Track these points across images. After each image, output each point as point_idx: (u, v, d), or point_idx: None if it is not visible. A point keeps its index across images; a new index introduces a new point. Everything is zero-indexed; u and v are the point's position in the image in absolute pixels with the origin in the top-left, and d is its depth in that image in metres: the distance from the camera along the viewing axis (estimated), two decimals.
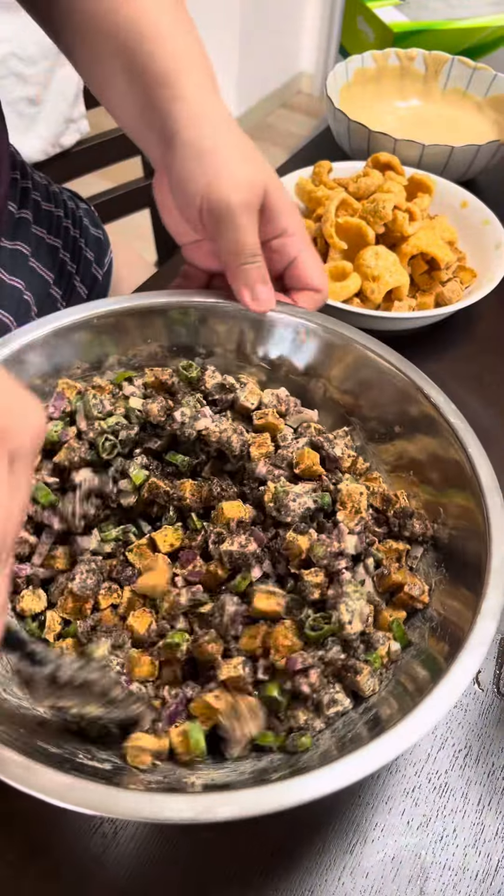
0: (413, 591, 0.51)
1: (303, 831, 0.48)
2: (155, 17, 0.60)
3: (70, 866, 0.46)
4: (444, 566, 0.52)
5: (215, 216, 0.55)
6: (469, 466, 0.51)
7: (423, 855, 0.48)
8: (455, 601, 0.49)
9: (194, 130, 0.56)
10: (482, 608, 0.44)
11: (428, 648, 0.48)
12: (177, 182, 0.57)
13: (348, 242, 0.79)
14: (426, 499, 0.56)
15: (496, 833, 0.49)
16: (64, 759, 0.40)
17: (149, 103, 0.59)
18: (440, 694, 0.40)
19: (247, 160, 0.57)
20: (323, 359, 0.62)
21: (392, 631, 0.50)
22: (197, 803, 0.37)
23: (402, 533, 0.54)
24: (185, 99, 0.58)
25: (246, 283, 0.58)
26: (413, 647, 0.49)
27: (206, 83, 0.60)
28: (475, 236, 0.86)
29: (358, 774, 0.37)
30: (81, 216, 0.95)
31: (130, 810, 0.36)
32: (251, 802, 0.37)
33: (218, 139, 0.57)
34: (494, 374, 0.79)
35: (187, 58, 0.60)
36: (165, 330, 0.62)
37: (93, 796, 0.36)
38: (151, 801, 0.36)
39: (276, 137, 3.06)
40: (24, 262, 0.80)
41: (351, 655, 0.47)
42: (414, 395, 0.56)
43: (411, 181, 0.86)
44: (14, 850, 0.46)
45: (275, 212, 0.58)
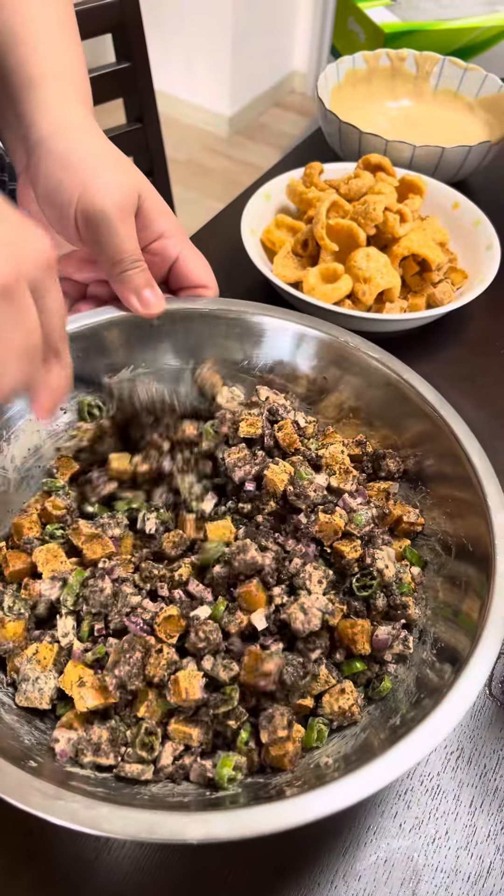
0: (410, 518, 0.57)
1: (295, 836, 0.48)
2: (34, 24, 0.59)
3: (63, 872, 0.46)
4: (421, 484, 0.58)
5: (92, 224, 0.54)
6: (409, 386, 0.58)
7: (416, 857, 0.48)
8: (445, 508, 0.55)
9: (60, 139, 0.55)
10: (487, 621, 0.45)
11: (440, 559, 0.54)
12: (45, 193, 0.55)
13: (339, 244, 0.79)
14: (381, 434, 0.61)
15: (488, 835, 0.49)
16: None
17: (13, 108, 0.58)
18: (440, 715, 0.40)
19: (117, 166, 0.56)
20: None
21: (407, 558, 0.56)
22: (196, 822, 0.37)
23: (378, 474, 0.60)
24: (50, 107, 0.56)
25: (132, 289, 0.57)
26: (429, 564, 0.55)
27: (73, 94, 0.58)
28: (466, 237, 0.86)
29: (355, 798, 0.38)
30: (1, 154, 0.93)
31: (120, 828, 0.37)
32: (247, 822, 0.37)
33: (85, 147, 0.55)
34: (486, 375, 0.79)
35: (58, 67, 0.58)
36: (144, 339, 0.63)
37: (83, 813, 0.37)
38: (144, 819, 0.37)
39: (269, 137, 3.06)
40: None
41: (394, 596, 0.52)
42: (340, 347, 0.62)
43: (402, 182, 0.86)
44: (7, 855, 0.46)
45: (150, 216, 0.57)
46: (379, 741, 0.43)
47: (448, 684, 0.42)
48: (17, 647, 0.49)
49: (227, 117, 3.00)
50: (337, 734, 0.48)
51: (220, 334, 0.63)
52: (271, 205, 0.89)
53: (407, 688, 0.48)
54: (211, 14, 2.70)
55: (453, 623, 0.49)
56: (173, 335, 0.63)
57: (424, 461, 0.57)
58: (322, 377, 0.63)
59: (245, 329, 0.63)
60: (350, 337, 0.61)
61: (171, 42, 2.87)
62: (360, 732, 0.47)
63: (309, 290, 0.77)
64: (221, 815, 0.37)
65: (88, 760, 0.44)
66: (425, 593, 0.53)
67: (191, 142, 2.99)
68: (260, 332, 0.63)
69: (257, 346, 0.64)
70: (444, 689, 0.42)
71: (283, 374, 0.65)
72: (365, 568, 0.53)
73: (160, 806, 0.42)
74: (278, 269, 0.81)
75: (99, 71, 1.13)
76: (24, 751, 0.42)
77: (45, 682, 0.47)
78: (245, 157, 2.97)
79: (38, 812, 0.36)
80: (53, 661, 0.48)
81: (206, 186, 2.75)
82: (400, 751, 0.39)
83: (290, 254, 0.83)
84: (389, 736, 0.43)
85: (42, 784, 0.37)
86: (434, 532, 0.56)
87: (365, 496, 0.56)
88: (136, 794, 0.43)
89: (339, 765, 0.44)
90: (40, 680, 0.47)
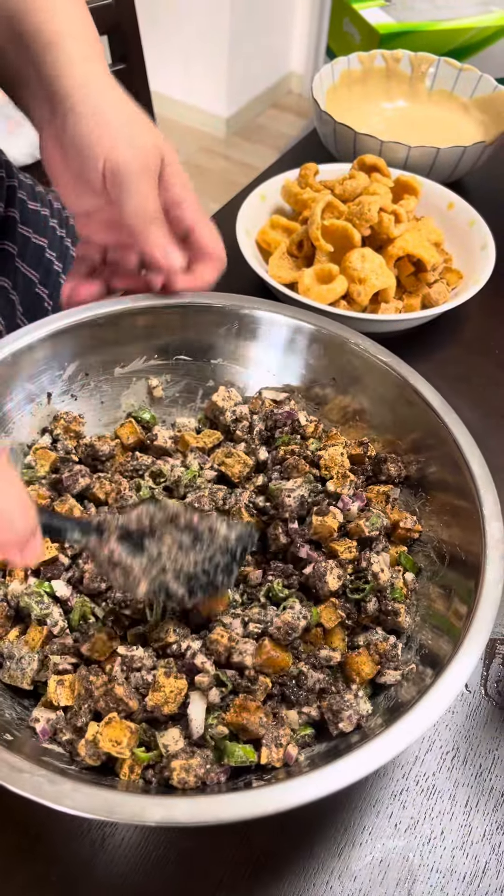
0: (407, 525, 0.56)
1: (290, 835, 0.48)
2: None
3: (59, 872, 0.46)
4: (421, 491, 0.58)
5: (119, 180, 0.55)
6: (414, 391, 0.57)
7: (411, 857, 0.48)
8: (443, 517, 0.55)
9: (89, 94, 0.56)
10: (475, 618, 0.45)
11: (434, 567, 0.54)
12: (75, 147, 0.56)
13: (334, 245, 0.79)
14: (385, 439, 0.61)
15: (483, 835, 0.49)
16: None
17: (35, 69, 0.59)
18: (428, 702, 0.41)
19: (145, 127, 0.57)
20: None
21: (402, 564, 0.55)
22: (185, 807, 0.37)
23: (378, 478, 0.59)
24: (74, 63, 0.57)
25: (156, 243, 0.58)
26: (422, 571, 0.55)
27: (93, 54, 0.60)
28: (461, 238, 0.86)
29: (343, 782, 0.38)
30: (68, 216, 0.95)
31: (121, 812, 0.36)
32: (243, 806, 0.37)
33: (112, 104, 0.56)
34: (481, 375, 0.79)
35: (76, 29, 0.59)
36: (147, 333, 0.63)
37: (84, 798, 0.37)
38: (106, 798, 0.37)
39: (266, 138, 3.06)
40: (11, 261, 0.80)
41: (385, 601, 0.52)
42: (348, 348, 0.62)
43: (397, 183, 0.86)
44: (1, 855, 0.46)
45: (171, 181, 0.59)
46: (346, 745, 0.44)
47: (425, 689, 0.42)
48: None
49: (224, 118, 3.00)
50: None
51: (232, 333, 0.64)
52: (266, 206, 0.89)
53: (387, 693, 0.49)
54: (207, 15, 2.70)
55: (439, 630, 0.49)
56: (185, 328, 0.63)
57: (427, 468, 0.57)
58: (330, 378, 0.64)
59: (255, 325, 0.64)
60: (360, 339, 0.61)
61: (167, 43, 2.86)
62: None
63: (304, 290, 0.77)
64: (182, 801, 0.38)
65: (67, 739, 0.45)
66: (417, 600, 0.53)
67: (188, 143, 2.99)
68: (270, 330, 0.64)
69: (267, 344, 0.64)
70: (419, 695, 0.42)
71: (291, 373, 0.65)
72: (359, 571, 0.53)
73: (130, 788, 0.42)
74: (274, 269, 0.81)
75: None
76: (3, 724, 0.43)
77: (29, 663, 0.48)
78: (242, 157, 2.97)
79: (4, 782, 0.37)
80: (41, 644, 0.49)
81: (203, 187, 2.75)
82: (364, 752, 0.39)
83: (286, 254, 0.83)
84: (359, 741, 0.43)
85: (12, 756, 0.38)
86: (430, 539, 0.56)
87: (363, 499, 0.56)
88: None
89: (308, 762, 0.45)
90: (24, 661, 0.48)
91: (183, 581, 0.46)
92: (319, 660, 0.49)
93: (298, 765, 0.45)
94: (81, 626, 0.50)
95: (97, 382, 0.63)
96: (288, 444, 0.61)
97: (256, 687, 0.47)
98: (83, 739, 0.43)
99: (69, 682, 0.46)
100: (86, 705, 0.45)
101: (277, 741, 0.45)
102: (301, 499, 0.55)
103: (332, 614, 0.51)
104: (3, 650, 0.49)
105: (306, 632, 0.51)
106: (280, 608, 0.51)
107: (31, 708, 0.48)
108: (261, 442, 0.62)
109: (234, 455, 0.60)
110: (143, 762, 0.44)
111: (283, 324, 0.63)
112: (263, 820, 0.37)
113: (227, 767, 0.44)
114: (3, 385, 0.57)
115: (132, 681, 0.46)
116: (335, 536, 0.55)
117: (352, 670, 0.49)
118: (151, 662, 0.47)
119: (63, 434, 0.60)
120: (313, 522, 0.54)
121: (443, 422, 0.55)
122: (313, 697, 0.48)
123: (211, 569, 0.47)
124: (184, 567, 0.46)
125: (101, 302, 0.61)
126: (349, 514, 0.56)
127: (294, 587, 0.53)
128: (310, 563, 0.53)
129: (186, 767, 0.43)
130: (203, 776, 0.43)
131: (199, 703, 0.46)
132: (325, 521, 0.54)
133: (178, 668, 0.47)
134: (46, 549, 0.52)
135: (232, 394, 0.63)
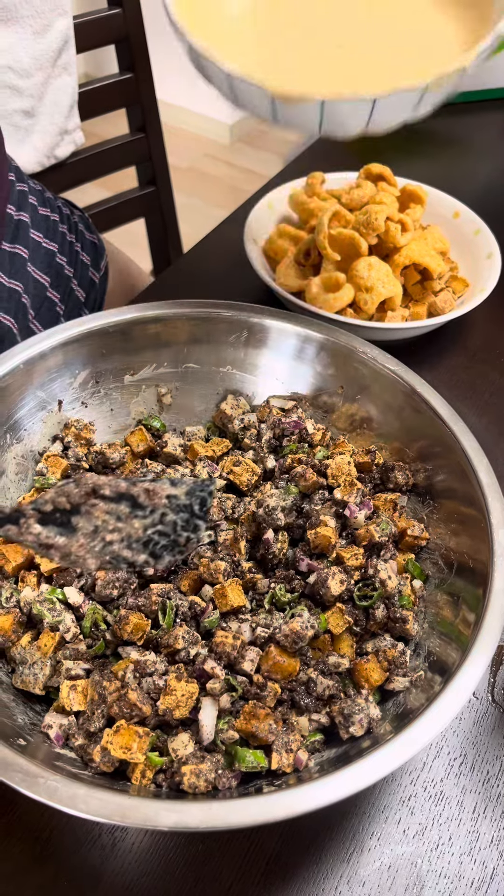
0: (415, 532, 0.57)
1: (299, 841, 0.49)
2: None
3: (68, 879, 0.46)
4: (429, 499, 0.59)
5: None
6: (422, 400, 0.58)
7: (420, 863, 0.48)
8: (451, 524, 0.56)
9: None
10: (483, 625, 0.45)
11: (442, 574, 0.55)
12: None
13: (342, 253, 0.80)
14: (392, 447, 0.62)
15: (491, 841, 0.50)
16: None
17: None
18: (437, 709, 0.41)
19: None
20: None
21: (409, 571, 0.56)
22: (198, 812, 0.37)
23: (386, 486, 0.60)
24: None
25: None
26: (430, 578, 0.55)
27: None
28: (467, 246, 0.87)
29: (351, 789, 0.38)
30: (77, 221, 0.96)
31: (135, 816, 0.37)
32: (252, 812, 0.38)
33: None
34: (487, 383, 0.80)
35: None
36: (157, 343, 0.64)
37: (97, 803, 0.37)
38: (119, 803, 0.38)
39: (270, 144, 3.07)
40: (23, 265, 0.81)
41: (394, 608, 0.52)
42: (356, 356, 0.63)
43: (403, 192, 0.86)
44: (12, 861, 0.47)
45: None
46: (356, 751, 0.44)
47: (433, 696, 0.43)
48: (6, 641, 0.50)
49: (229, 125, 3.01)
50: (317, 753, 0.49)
51: (241, 341, 0.64)
52: (274, 214, 0.89)
53: (395, 700, 0.50)
54: None
55: (447, 637, 0.49)
56: (195, 337, 0.64)
57: (434, 476, 0.58)
58: (338, 387, 0.64)
59: (264, 334, 0.64)
60: (368, 348, 0.62)
61: (173, 52, 2.87)
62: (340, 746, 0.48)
63: (311, 298, 0.77)
64: (195, 806, 0.38)
65: (79, 744, 0.45)
66: (424, 607, 0.54)
67: (193, 149, 3.00)
68: (278, 338, 0.64)
69: (276, 352, 0.65)
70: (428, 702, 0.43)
71: (299, 381, 0.65)
72: (367, 578, 0.53)
73: (141, 793, 0.43)
74: (281, 277, 0.81)
75: (102, 81, 1.14)
76: (16, 729, 0.44)
77: (41, 668, 0.48)
78: (246, 163, 2.98)
79: (19, 787, 0.38)
80: (54, 650, 0.49)
81: (208, 193, 2.76)
82: (373, 759, 0.40)
83: (293, 263, 0.83)
84: (368, 746, 0.44)
85: (26, 761, 0.39)
86: (438, 546, 0.56)
87: (370, 507, 0.57)
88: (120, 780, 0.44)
89: (318, 767, 0.45)
90: (36, 666, 0.48)
91: (139, 548, 0.44)
92: (328, 666, 0.49)
93: (308, 770, 0.45)
94: (93, 633, 0.51)
95: (107, 390, 0.63)
96: (296, 453, 0.61)
97: (266, 693, 0.47)
98: (98, 746, 0.44)
99: (82, 687, 0.47)
100: (99, 710, 0.45)
101: (288, 747, 0.45)
102: (280, 509, 0.56)
103: (339, 619, 0.51)
104: (15, 655, 0.49)
105: (314, 638, 0.51)
106: (288, 615, 0.51)
107: (42, 713, 0.48)
108: (269, 450, 0.63)
109: (243, 464, 0.60)
110: (155, 766, 0.44)
111: (291, 333, 0.63)
112: (272, 825, 0.38)
113: (238, 772, 0.45)
114: (15, 392, 0.57)
115: (144, 686, 0.46)
116: (338, 543, 0.55)
117: (361, 677, 0.49)
118: (163, 667, 0.48)
119: (74, 441, 0.60)
120: (310, 538, 0.55)
121: (450, 430, 0.55)
122: (322, 705, 0.49)
123: (168, 529, 0.45)
124: (132, 534, 0.44)
125: (112, 311, 0.61)
126: (356, 523, 0.56)
127: (297, 591, 0.54)
128: (313, 572, 0.54)
129: (197, 772, 0.43)
130: (213, 781, 0.44)
131: (211, 709, 0.46)
132: (319, 532, 0.55)
133: (188, 674, 0.47)
134: None
135: (240, 402, 0.64)
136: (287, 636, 0.48)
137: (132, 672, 0.47)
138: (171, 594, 0.52)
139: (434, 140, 1.14)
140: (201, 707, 0.46)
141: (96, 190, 1.30)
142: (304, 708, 0.48)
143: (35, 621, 0.51)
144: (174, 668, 0.48)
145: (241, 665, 0.48)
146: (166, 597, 0.51)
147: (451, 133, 1.16)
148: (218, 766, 0.44)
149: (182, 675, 0.46)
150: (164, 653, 0.49)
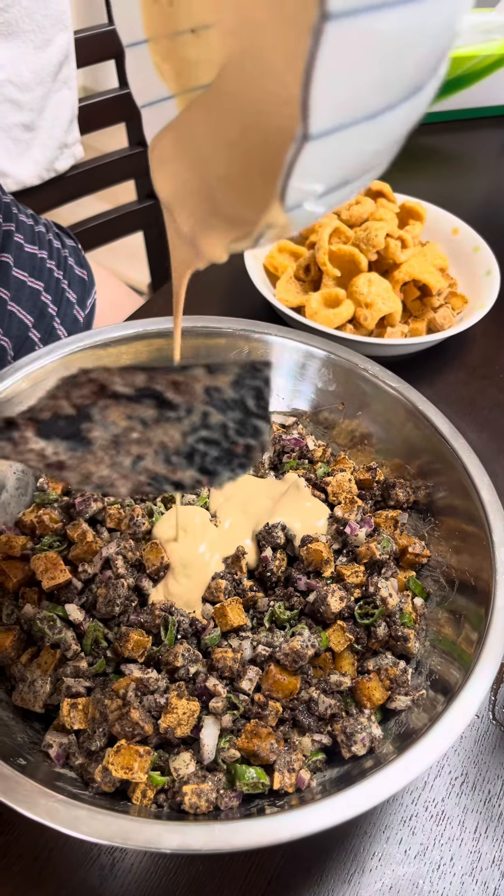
0: (416, 550, 0.56)
1: (300, 862, 0.48)
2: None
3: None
4: (430, 516, 0.58)
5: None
6: (423, 417, 0.58)
7: (421, 884, 0.48)
8: (452, 542, 0.55)
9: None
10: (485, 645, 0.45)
11: (443, 592, 0.54)
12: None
13: (341, 269, 0.80)
14: (393, 463, 0.62)
15: (493, 861, 0.49)
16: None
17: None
18: (440, 730, 0.41)
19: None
20: None
21: (410, 589, 0.55)
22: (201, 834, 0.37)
23: (387, 503, 0.60)
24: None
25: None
26: (431, 596, 0.55)
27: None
28: (466, 263, 0.87)
29: (330, 821, 0.38)
30: (66, 255, 0.95)
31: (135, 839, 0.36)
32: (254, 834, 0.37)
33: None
34: (487, 399, 0.80)
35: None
36: None
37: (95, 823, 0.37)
38: (121, 825, 0.37)
39: None
40: (3, 307, 0.81)
41: (395, 626, 0.52)
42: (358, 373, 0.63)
43: (403, 208, 0.87)
44: (12, 881, 0.46)
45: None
46: (359, 771, 0.44)
47: (436, 717, 0.43)
48: (6, 658, 0.49)
49: None
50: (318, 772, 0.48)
51: (242, 357, 0.65)
52: None
53: (397, 719, 0.49)
54: None
55: (449, 656, 0.49)
56: (196, 352, 0.65)
57: (435, 493, 0.58)
58: (339, 403, 0.64)
59: (265, 350, 0.65)
60: (370, 364, 0.62)
61: None
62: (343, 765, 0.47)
63: (311, 314, 0.77)
64: (197, 828, 0.38)
65: (79, 763, 0.45)
66: (426, 625, 0.54)
67: None
68: (280, 355, 0.65)
69: (277, 368, 0.65)
70: (430, 722, 0.43)
71: (300, 397, 0.66)
72: (368, 596, 0.53)
73: (141, 813, 0.42)
74: (281, 293, 0.82)
75: (102, 96, 1.15)
76: (16, 748, 0.43)
77: (42, 686, 0.47)
78: None
79: (19, 808, 0.37)
80: (54, 667, 0.49)
81: None
82: (378, 779, 0.40)
83: (293, 278, 0.84)
84: (371, 766, 0.43)
85: (27, 781, 0.38)
86: (439, 564, 0.56)
87: (371, 525, 0.57)
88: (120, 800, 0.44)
89: (321, 787, 0.45)
90: (37, 683, 0.48)
91: (181, 463, 0.34)
92: (330, 685, 0.49)
93: (311, 790, 0.45)
94: (94, 650, 0.50)
95: None
96: (296, 470, 0.61)
97: (267, 713, 0.47)
98: (99, 765, 0.43)
99: (83, 705, 0.46)
100: (100, 729, 0.45)
101: (290, 766, 0.45)
102: (280, 527, 0.56)
103: (340, 637, 0.51)
104: (15, 673, 0.49)
105: (316, 656, 0.51)
106: (289, 633, 0.51)
107: (42, 731, 0.48)
108: (269, 467, 0.63)
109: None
110: (157, 786, 0.44)
111: (292, 349, 0.64)
112: (274, 846, 0.37)
113: (240, 792, 0.44)
114: (16, 407, 0.57)
115: (146, 704, 0.46)
116: (331, 559, 0.55)
117: (363, 695, 0.49)
118: (165, 685, 0.47)
119: None
120: (302, 555, 0.55)
121: (452, 447, 0.55)
122: (324, 724, 0.48)
123: (217, 435, 0.34)
124: (167, 444, 0.34)
125: (113, 326, 0.61)
126: (357, 540, 0.56)
127: (296, 608, 0.53)
128: (312, 591, 0.53)
129: (198, 792, 0.43)
130: (215, 801, 0.43)
131: (213, 728, 0.46)
132: (311, 547, 0.54)
133: (189, 692, 0.47)
134: (60, 572, 0.52)
135: None
136: (287, 655, 0.48)
137: (134, 690, 0.46)
138: (173, 609, 0.51)
139: (433, 157, 1.15)
140: (203, 725, 0.46)
141: (95, 203, 1.30)
142: (306, 727, 0.48)
143: (35, 638, 0.50)
144: (175, 685, 0.47)
145: (240, 684, 0.48)
146: (168, 612, 0.51)
147: (451, 150, 1.17)
148: (219, 785, 0.44)
149: (183, 693, 0.46)
150: (165, 670, 0.49)
